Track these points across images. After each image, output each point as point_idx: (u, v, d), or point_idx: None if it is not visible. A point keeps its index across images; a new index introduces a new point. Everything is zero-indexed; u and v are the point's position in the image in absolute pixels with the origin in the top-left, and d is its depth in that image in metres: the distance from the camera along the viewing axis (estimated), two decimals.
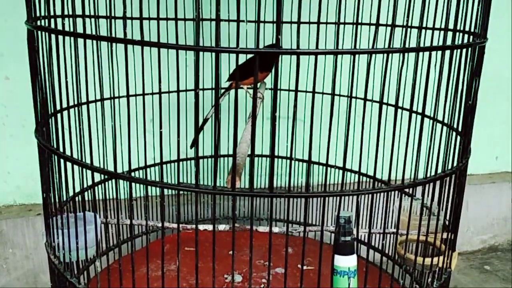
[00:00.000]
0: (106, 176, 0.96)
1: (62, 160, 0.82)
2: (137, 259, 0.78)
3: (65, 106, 0.81)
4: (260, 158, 1.52)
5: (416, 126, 0.79)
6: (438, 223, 0.86)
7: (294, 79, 0.67)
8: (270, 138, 0.68)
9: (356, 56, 0.91)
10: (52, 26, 0.77)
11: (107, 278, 0.82)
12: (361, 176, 0.89)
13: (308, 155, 0.72)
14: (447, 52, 0.76)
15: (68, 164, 0.81)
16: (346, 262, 0.85)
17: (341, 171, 1.24)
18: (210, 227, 0.91)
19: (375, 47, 0.78)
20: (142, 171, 1.28)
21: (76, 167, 0.80)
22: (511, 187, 1.92)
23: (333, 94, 0.77)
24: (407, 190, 1.14)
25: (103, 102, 0.87)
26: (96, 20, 0.88)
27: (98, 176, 0.88)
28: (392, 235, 1.02)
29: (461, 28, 0.84)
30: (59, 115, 0.83)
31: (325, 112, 0.91)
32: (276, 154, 1.36)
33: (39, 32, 0.82)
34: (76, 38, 0.73)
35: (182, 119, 0.96)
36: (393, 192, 0.98)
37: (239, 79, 1.03)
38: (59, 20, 0.77)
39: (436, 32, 0.89)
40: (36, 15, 0.83)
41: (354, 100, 1.05)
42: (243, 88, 1.17)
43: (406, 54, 0.72)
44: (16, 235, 1.47)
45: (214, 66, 0.67)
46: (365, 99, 0.82)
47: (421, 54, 0.75)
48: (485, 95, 1.18)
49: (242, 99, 1.30)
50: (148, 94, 1.15)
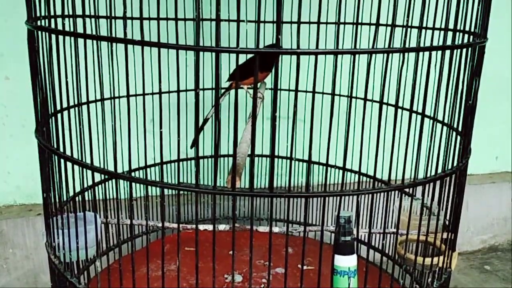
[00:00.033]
0: (106, 176, 0.96)
1: (62, 160, 0.82)
2: (137, 259, 0.78)
3: (65, 106, 0.81)
4: (260, 158, 1.52)
5: (416, 126, 0.79)
6: (438, 223, 0.86)
7: (294, 79, 0.67)
8: (270, 138, 0.68)
9: (356, 56, 0.90)
10: (52, 26, 0.77)
11: (107, 278, 0.82)
12: (361, 176, 0.89)
13: (308, 155, 0.72)
14: (447, 52, 0.76)
15: (68, 164, 0.81)
16: (346, 262, 0.85)
17: (341, 171, 1.24)
18: (210, 227, 0.90)
19: (375, 47, 0.78)
20: (142, 171, 1.28)
21: (76, 167, 0.80)
22: (511, 187, 1.92)
23: (333, 94, 0.77)
24: (407, 190, 1.14)
25: (103, 102, 0.87)
26: (96, 20, 0.88)
27: (98, 176, 0.87)
28: (392, 235, 1.02)
29: (461, 28, 0.84)
30: (59, 115, 0.83)
31: (325, 112, 0.92)
32: (276, 154, 1.36)
33: (39, 32, 0.82)
34: (76, 38, 0.73)
35: (182, 119, 0.95)
36: (393, 192, 0.98)
37: (239, 79, 1.02)
38: (59, 20, 0.77)
39: (436, 32, 0.89)
40: (36, 15, 0.83)
41: (354, 100, 1.05)
42: (243, 88, 1.17)
43: (406, 54, 0.72)
44: (16, 235, 1.47)
45: (214, 66, 0.67)
46: (365, 99, 0.82)
47: (421, 54, 0.75)
48: (485, 95, 1.18)
49: (242, 99, 1.30)
50: (148, 94, 1.15)
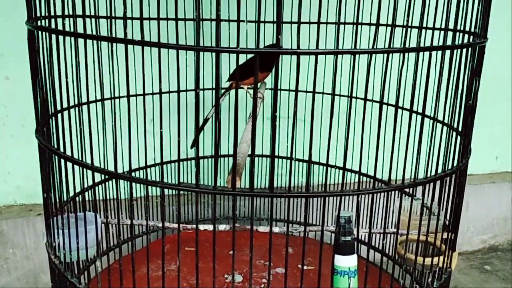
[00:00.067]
0: (107, 176, 0.96)
1: (63, 160, 0.82)
2: (137, 259, 0.78)
3: (65, 106, 0.81)
4: (260, 158, 1.52)
5: (416, 126, 0.79)
6: (438, 223, 0.86)
7: (294, 79, 0.67)
8: (270, 138, 0.68)
9: (356, 56, 0.90)
10: (53, 26, 0.77)
11: (108, 278, 0.82)
12: (361, 176, 0.89)
13: (308, 155, 0.72)
14: (447, 52, 0.76)
15: (69, 164, 0.81)
16: (346, 262, 0.85)
17: (341, 171, 1.24)
18: (210, 227, 0.90)
19: (375, 47, 0.78)
20: (142, 171, 1.28)
21: (76, 167, 0.80)
22: (511, 187, 1.92)
23: (333, 94, 0.77)
24: (407, 190, 1.14)
25: (103, 102, 0.87)
26: (97, 20, 0.88)
27: (98, 176, 0.87)
28: (392, 235, 1.02)
29: (461, 28, 0.84)
30: (60, 115, 0.83)
31: (325, 112, 0.91)
32: (276, 154, 1.35)
33: (40, 32, 0.82)
34: (76, 38, 0.73)
35: (183, 119, 0.95)
36: (393, 192, 0.98)
37: (239, 79, 1.02)
38: (60, 20, 0.77)
39: (436, 32, 0.89)
40: (37, 15, 0.83)
41: (354, 100, 1.05)
42: (243, 88, 1.17)
43: (406, 54, 0.72)
44: (16, 235, 1.47)
45: (214, 66, 0.67)
46: (365, 99, 0.82)
47: (421, 54, 0.75)
48: (485, 95, 1.18)
49: (242, 99, 1.30)
50: (148, 94, 1.15)
